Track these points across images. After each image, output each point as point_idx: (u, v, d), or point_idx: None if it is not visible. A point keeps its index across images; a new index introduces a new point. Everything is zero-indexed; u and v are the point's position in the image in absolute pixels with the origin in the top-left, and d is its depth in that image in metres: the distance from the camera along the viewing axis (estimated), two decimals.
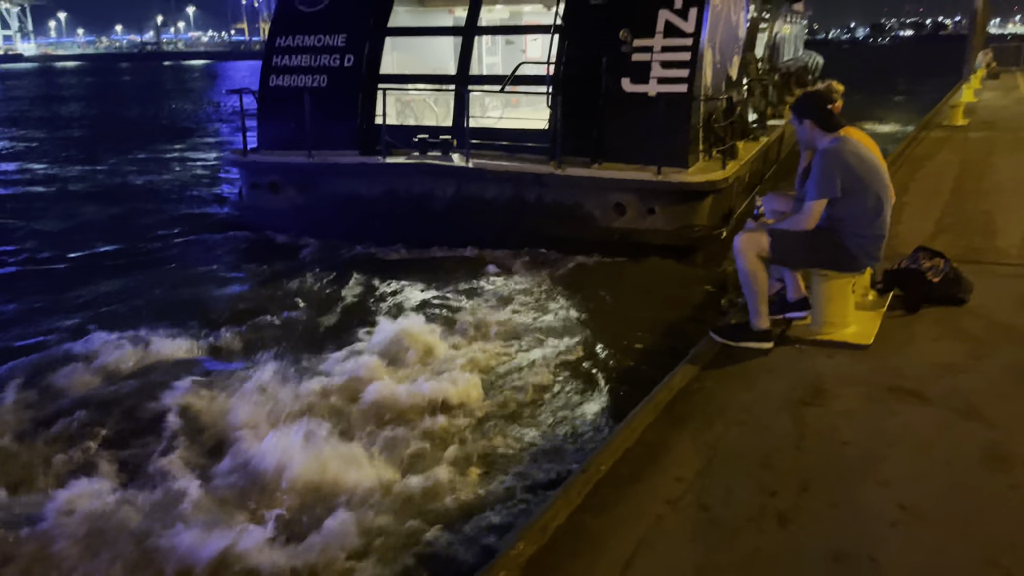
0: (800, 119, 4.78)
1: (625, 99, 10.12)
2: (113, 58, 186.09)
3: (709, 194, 9.70)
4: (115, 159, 21.54)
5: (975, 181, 9.69)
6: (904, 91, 43.44)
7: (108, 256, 11.10)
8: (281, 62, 12.04)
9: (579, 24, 10.70)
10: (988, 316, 5.13)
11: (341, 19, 11.82)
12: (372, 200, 10.81)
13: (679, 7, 10.16)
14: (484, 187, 10.34)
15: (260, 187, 11.44)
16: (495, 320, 7.86)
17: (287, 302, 8.52)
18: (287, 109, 11.61)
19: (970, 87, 21.88)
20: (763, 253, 4.70)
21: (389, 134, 10.85)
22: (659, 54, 10.13)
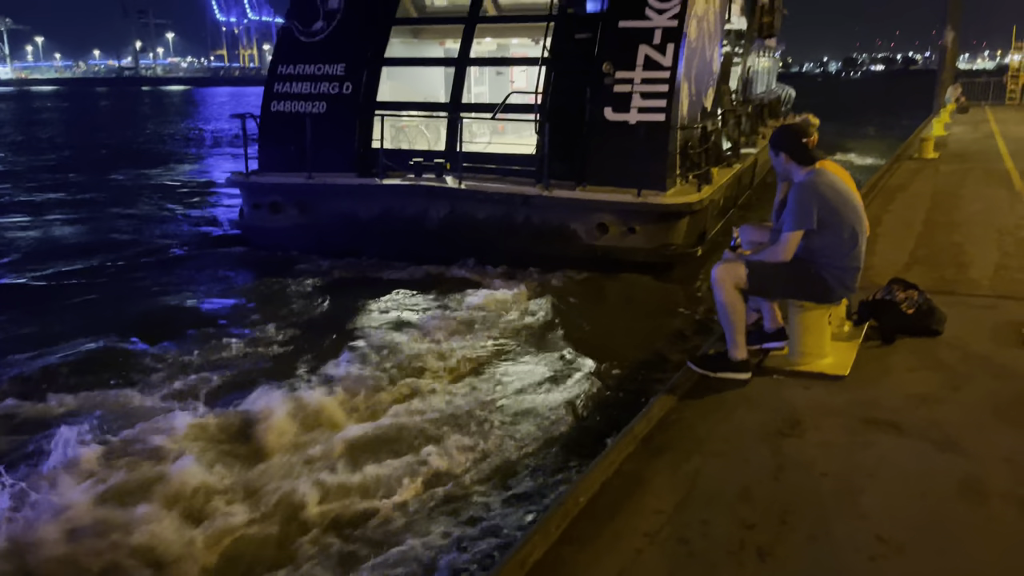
0: (776, 152, 4.83)
1: (608, 127, 10.86)
2: (90, 83, 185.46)
3: (685, 215, 10.42)
4: (102, 182, 21.91)
5: (946, 213, 9.84)
6: (876, 124, 44.27)
7: (115, 271, 11.65)
8: (282, 89, 12.66)
9: (565, 57, 11.50)
10: (963, 347, 5.18)
11: (340, 49, 12.50)
12: (369, 219, 11.37)
13: (658, 43, 10.97)
14: (476, 207, 10.96)
15: (261, 207, 11.98)
16: (480, 338, 8.16)
17: (285, 312, 9.08)
18: (287, 133, 12.21)
19: (940, 121, 22.35)
20: (741, 284, 4.72)
21: (385, 157, 11.41)
22: (639, 86, 10.91)
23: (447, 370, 7.32)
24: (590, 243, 10.48)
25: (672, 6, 11.18)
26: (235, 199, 17.30)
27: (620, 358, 7.60)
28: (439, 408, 6.51)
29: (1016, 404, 4.31)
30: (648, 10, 11.21)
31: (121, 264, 12.03)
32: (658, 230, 10.37)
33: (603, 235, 10.42)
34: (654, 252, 10.35)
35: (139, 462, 5.50)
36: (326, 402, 6.48)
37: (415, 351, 7.67)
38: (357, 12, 12.67)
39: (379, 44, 12.57)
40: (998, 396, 4.42)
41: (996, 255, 7.63)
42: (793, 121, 5.16)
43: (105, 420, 6.22)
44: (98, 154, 30.71)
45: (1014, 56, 35.91)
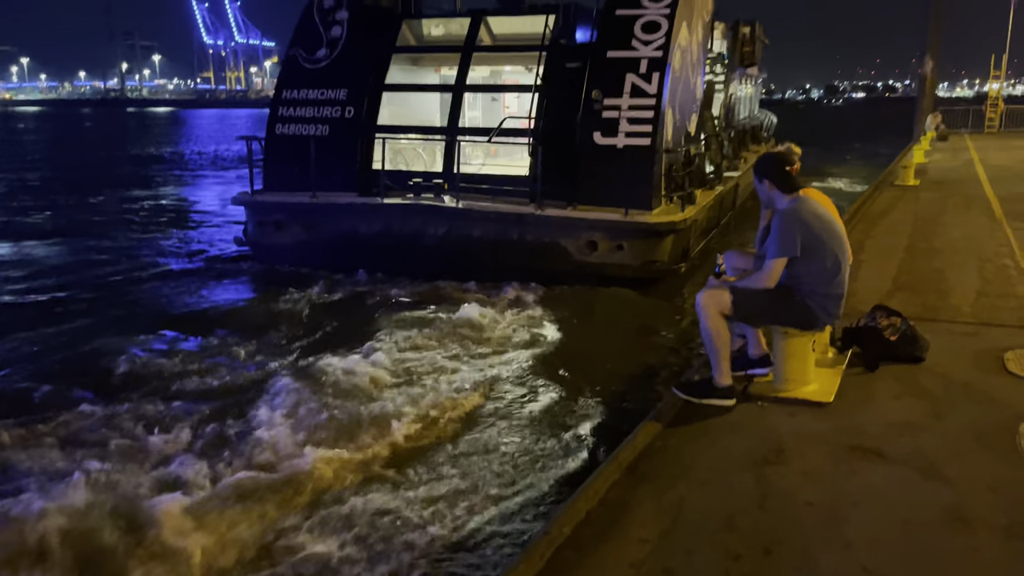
0: (761, 179, 4.86)
1: (597, 150, 11.51)
2: (75, 103, 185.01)
3: (670, 233, 11.09)
4: (96, 203, 22.24)
5: (927, 240, 9.94)
6: (858, 150, 44.86)
7: (124, 285, 12.13)
8: (287, 112, 13.28)
9: (557, 84, 12.22)
10: (945, 374, 5.20)
11: (343, 75, 13.15)
12: (370, 237, 11.90)
13: (643, 71, 11.67)
14: (472, 226, 11.52)
15: (266, 224, 12.54)
16: (469, 355, 8.46)
17: (288, 323, 9.63)
18: (292, 154, 12.75)
19: (920, 148, 22.65)
20: (725, 310, 4.73)
21: (385, 178, 12.05)
22: (626, 112, 11.57)
23: (432, 388, 7.44)
24: (581, 259, 11.06)
25: (657, 38, 11.84)
26: (230, 218, 18.31)
27: (607, 376, 7.89)
28: (420, 430, 6.56)
29: (998, 432, 4.32)
30: (634, 41, 11.89)
31: (129, 279, 12.53)
32: (645, 247, 10.96)
33: (593, 252, 11.03)
34: (641, 268, 10.96)
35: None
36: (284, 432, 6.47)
37: (406, 365, 7.93)
38: (359, 40, 13.32)
39: (380, 71, 13.24)
40: (980, 424, 4.43)
41: (977, 282, 7.70)
42: (776, 149, 5.20)
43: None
44: (86, 175, 30.60)
45: (992, 84, 36.54)
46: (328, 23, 13.56)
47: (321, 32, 13.57)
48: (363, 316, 9.89)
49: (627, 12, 12.13)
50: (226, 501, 5.30)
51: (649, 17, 12.06)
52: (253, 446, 6.10)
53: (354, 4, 13.51)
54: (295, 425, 6.49)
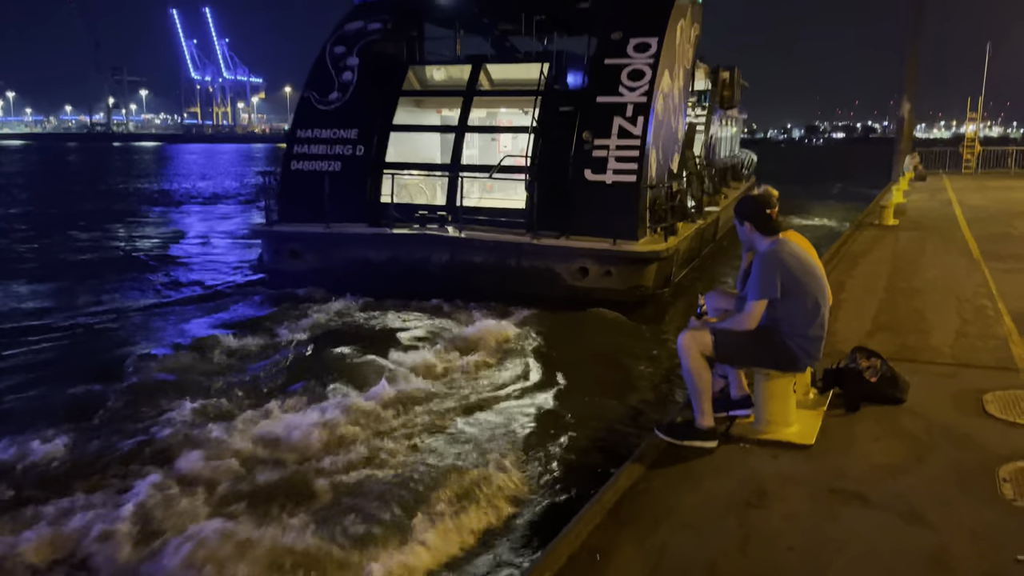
0: (741, 222, 4.90)
1: (587, 186, 12.72)
2: (60, 138, 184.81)
3: (654, 261, 12.15)
4: (98, 236, 23.06)
5: (907, 279, 10.02)
6: (838, 189, 45.51)
7: (150, 310, 13.11)
8: (301, 150, 14.44)
9: (551, 126, 13.44)
10: (926, 416, 5.21)
11: (354, 116, 14.35)
12: (380, 264, 12.94)
13: (629, 115, 12.88)
14: (473, 254, 12.61)
15: (282, 253, 13.55)
16: (465, 377, 9.12)
17: (303, 340, 10.47)
18: (306, 188, 13.84)
19: (899, 189, 22.97)
20: (706, 351, 4.73)
21: (393, 210, 13.23)
22: (614, 151, 12.77)
23: (415, 417, 7.78)
24: (573, 284, 12.14)
25: (642, 85, 13.07)
26: (235, 249, 20.26)
27: (591, 408, 8.34)
28: (404, 461, 6.77)
29: (979, 475, 4.32)
30: (621, 88, 13.12)
31: (154, 304, 13.59)
32: (631, 273, 12.03)
33: (584, 277, 12.12)
34: (628, 292, 12.02)
35: None
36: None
37: (402, 389, 8.41)
38: (368, 84, 14.56)
39: (388, 112, 14.44)
40: (961, 467, 4.43)
41: (956, 322, 7.76)
42: (754, 192, 5.26)
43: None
44: (78, 210, 30.55)
45: (969, 126, 37.25)
46: (340, 68, 14.79)
47: (333, 77, 14.76)
48: (364, 339, 10.53)
49: (614, 61, 13.38)
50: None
51: (634, 66, 13.28)
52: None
53: (364, 51, 14.76)
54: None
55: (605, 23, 14.16)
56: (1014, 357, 6.50)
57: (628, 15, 13.98)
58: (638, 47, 13.49)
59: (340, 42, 15.12)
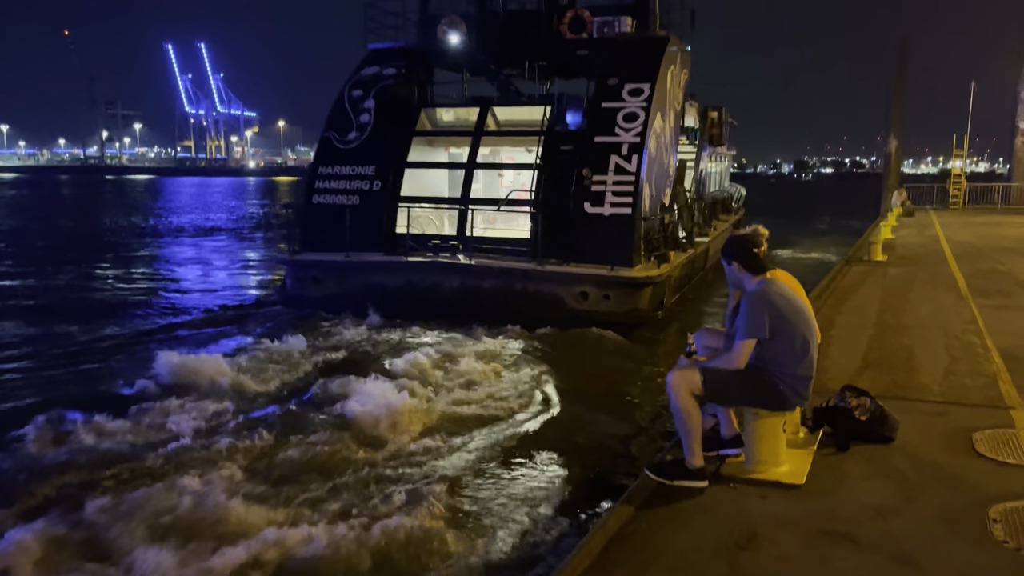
0: (729, 261, 4.92)
1: (587, 217, 13.92)
2: (53, 171, 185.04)
3: (648, 286, 13.27)
4: (111, 266, 23.94)
5: (896, 316, 10.07)
6: (828, 223, 45.88)
7: (184, 330, 13.90)
8: (322, 185, 15.66)
9: (553, 163, 14.74)
10: (916, 455, 5.20)
11: (371, 154, 15.60)
12: (396, 289, 13.95)
13: (625, 153, 14.15)
14: (482, 279, 13.65)
15: (304, 280, 14.64)
16: (468, 396, 9.59)
17: (325, 356, 11.46)
18: (326, 220, 15.05)
19: (887, 224, 23.17)
20: (696, 391, 4.73)
21: (405, 240, 14.44)
22: (611, 186, 13.98)
23: (410, 445, 7.95)
24: (574, 307, 13.16)
25: (636, 126, 14.32)
26: (247, 277, 21.87)
27: (587, 437, 8.67)
28: (397, 483, 6.96)
29: (969, 516, 4.30)
30: (617, 128, 14.40)
31: (188, 324, 14.46)
32: (627, 297, 13.11)
33: (584, 301, 13.15)
34: (624, 315, 13.05)
35: None
36: None
37: (411, 408, 8.78)
38: (384, 125, 15.82)
39: (402, 150, 15.75)
40: (951, 507, 4.42)
41: (945, 359, 7.78)
42: (742, 231, 5.30)
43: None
44: (82, 243, 30.52)
45: (955, 162, 37.70)
46: (357, 111, 16.08)
47: (352, 118, 16.04)
48: (372, 357, 11.54)
49: (611, 105, 14.69)
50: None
51: (629, 109, 14.58)
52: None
53: (380, 94, 16.11)
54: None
55: (602, 69, 15.56)
56: (1003, 395, 6.51)
57: (623, 62, 15.37)
58: (632, 92, 14.81)
59: (357, 86, 16.40)
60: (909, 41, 37.25)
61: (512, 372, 10.74)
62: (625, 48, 15.84)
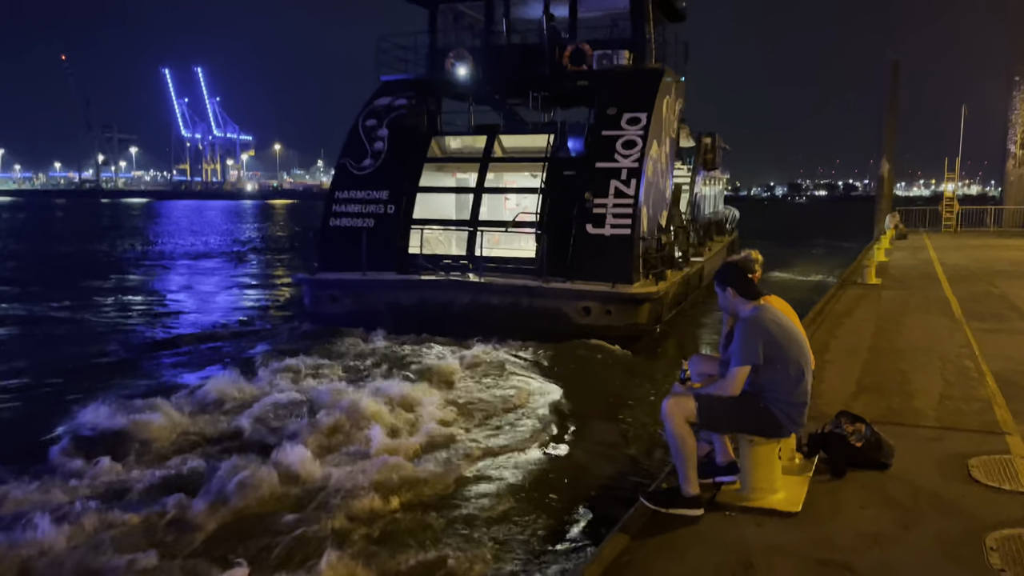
0: (723, 288, 4.92)
1: (589, 238, 14.90)
2: (48, 194, 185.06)
3: (647, 302, 14.16)
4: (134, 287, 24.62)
5: (890, 340, 10.08)
6: (822, 245, 46.05)
7: (217, 342, 14.94)
8: (339, 209, 16.70)
9: (557, 187, 15.75)
10: (912, 482, 5.18)
11: (385, 180, 16.65)
12: (409, 306, 14.90)
13: (624, 178, 15.15)
14: (491, 296, 14.55)
15: (323, 297, 15.57)
16: (474, 411, 10.11)
17: (347, 364, 12.38)
18: (343, 242, 16.02)
19: (881, 247, 23.26)
20: (691, 418, 4.71)
21: (417, 260, 15.62)
22: (611, 209, 14.97)
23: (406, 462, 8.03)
24: (577, 322, 14.00)
25: (634, 153, 15.34)
26: (258, 297, 22.99)
27: (589, 441, 9.23)
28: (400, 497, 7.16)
29: (965, 544, 4.28)
30: (617, 155, 15.41)
31: (221, 335, 15.52)
32: (627, 312, 14.01)
33: (587, 316, 14.00)
34: (625, 328, 13.94)
35: None
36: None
37: (426, 414, 9.51)
38: (397, 152, 16.90)
39: (414, 176, 16.77)
40: (948, 536, 4.39)
41: (940, 384, 7.78)
42: (737, 256, 5.32)
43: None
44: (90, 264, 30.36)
45: (947, 185, 37.97)
46: (372, 139, 17.14)
47: (366, 146, 17.08)
48: (394, 363, 12.37)
49: (610, 133, 15.74)
50: None
51: (627, 137, 15.59)
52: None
53: (392, 123, 17.16)
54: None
55: (601, 99, 16.51)
56: (998, 420, 6.50)
57: (621, 93, 16.38)
58: (630, 120, 15.82)
59: (371, 116, 17.41)
60: (900, 65, 37.65)
61: (515, 386, 11.28)
62: (623, 79, 16.84)
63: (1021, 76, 36.31)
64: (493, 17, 18.74)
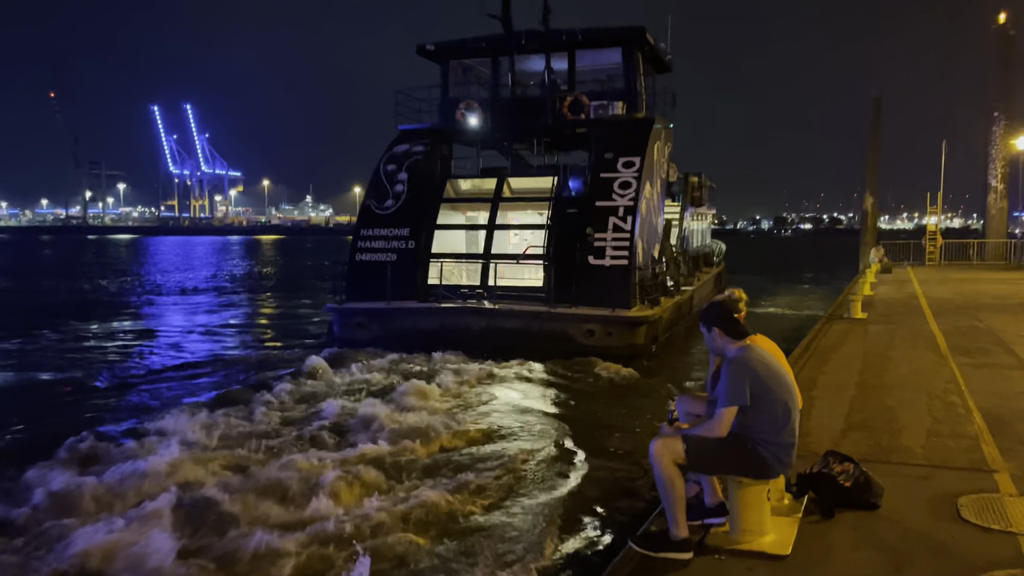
0: (709, 328, 4.91)
1: (591, 268, 16.76)
2: (35, 231, 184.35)
3: (643, 324, 15.93)
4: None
5: (878, 375, 10.09)
6: (809, 278, 46.31)
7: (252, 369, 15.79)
8: (364, 245, 18.61)
9: (561, 223, 17.75)
10: (902, 522, 5.14)
11: (405, 218, 18.59)
12: (430, 331, 16.52)
13: (621, 215, 17.03)
14: (504, 321, 16.25)
15: (351, 325, 17.25)
16: (483, 424, 11.06)
17: (372, 379, 13.86)
18: (368, 274, 18.03)
19: (866, 281, 23.42)
20: (679, 460, 4.67)
21: (436, 290, 17.59)
22: (610, 242, 16.83)
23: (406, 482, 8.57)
24: (582, 342, 15.69)
25: (629, 192, 17.22)
26: (295, 327, 24.07)
27: (594, 442, 10.20)
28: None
29: None
30: (614, 195, 17.29)
31: (256, 365, 16.15)
32: (626, 333, 15.75)
33: (591, 337, 15.72)
34: (624, 348, 15.60)
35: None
36: None
37: (446, 424, 10.63)
38: (416, 194, 18.80)
39: (432, 215, 18.76)
40: None
41: (927, 420, 7.77)
42: (722, 296, 5.33)
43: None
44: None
45: (931, 219, 38.38)
46: (392, 182, 19.04)
47: (388, 188, 18.98)
48: (418, 380, 13.37)
49: (608, 175, 17.63)
50: None
51: (623, 179, 17.45)
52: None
53: (410, 168, 19.11)
54: None
55: (598, 145, 18.44)
56: (985, 457, 6.49)
57: (617, 140, 18.25)
58: (625, 164, 17.68)
59: (391, 161, 19.35)
60: (883, 100, 38.27)
61: (523, 399, 12.70)
62: (618, 127, 18.75)
63: (1000, 112, 36.97)
64: (499, 71, 20.90)
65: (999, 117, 36.94)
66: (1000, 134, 36.91)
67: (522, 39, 20.16)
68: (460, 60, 21.34)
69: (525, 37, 20.18)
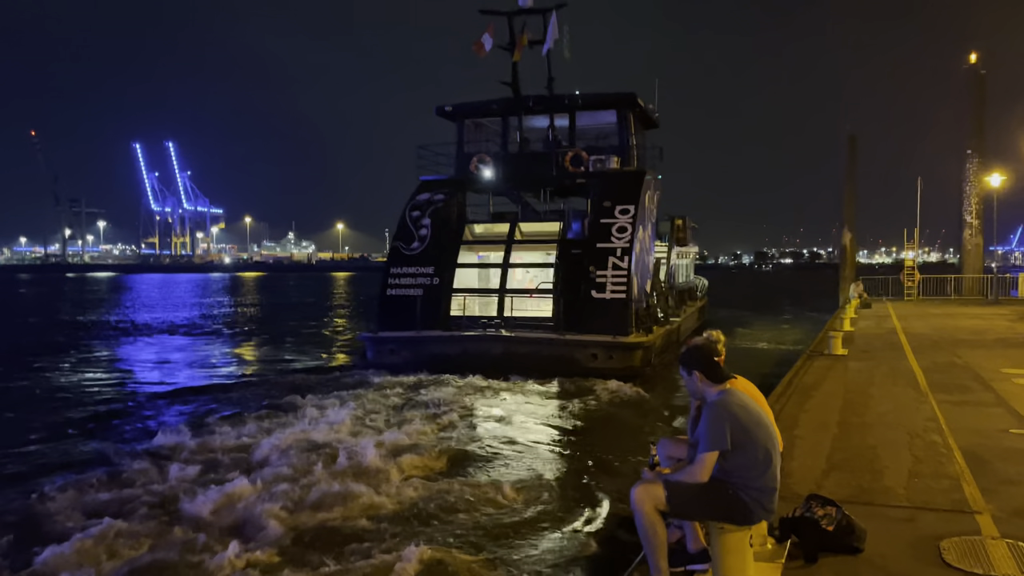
0: (689, 372, 4.88)
1: (593, 301, 19.59)
2: (13, 269, 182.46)
3: (639, 349, 18.80)
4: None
5: (858, 414, 10.10)
6: (791, 312, 46.61)
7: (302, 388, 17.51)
8: (394, 281, 21.47)
9: (567, 262, 20.65)
10: (885, 567, 5.10)
11: (430, 258, 21.53)
12: (453, 356, 19.12)
13: (619, 255, 19.98)
14: (519, 346, 19.01)
15: (383, 351, 20.11)
16: (496, 436, 12.90)
17: (399, 397, 16.07)
18: (398, 307, 20.86)
19: (846, 317, 23.59)
20: (660, 506, 4.62)
21: (458, 320, 20.55)
22: (610, 279, 19.68)
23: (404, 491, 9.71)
24: (586, 365, 18.36)
25: (626, 235, 20.18)
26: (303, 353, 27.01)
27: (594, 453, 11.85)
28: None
29: None
30: (612, 237, 20.26)
31: (309, 382, 18.50)
32: (625, 357, 18.53)
33: (594, 360, 18.44)
34: (623, 369, 18.25)
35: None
36: None
37: (473, 435, 12.83)
38: (439, 237, 21.81)
39: (453, 255, 21.71)
40: None
41: (909, 460, 7.77)
42: (700, 339, 5.33)
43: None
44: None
45: (908, 254, 38.87)
46: (417, 226, 21.99)
47: (413, 232, 21.95)
48: (444, 397, 15.96)
49: (606, 221, 20.60)
50: None
51: (620, 223, 20.43)
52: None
53: (433, 214, 22.12)
54: None
55: (597, 193, 21.52)
56: (967, 499, 6.48)
57: (613, 189, 21.28)
58: (621, 211, 20.60)
59: (415, 208, 22.37)
60: (858, 138, 38.95)
61: (527, 413, 14.85)
62: (614, 179, 21.82)
63: (972, 150, 37.69)
64: (508, 129, 24.33)
65: (972, 155, 37.68)
66: (973, 171, 37.62)
67: (530, 102, 23.49)
68: (474, 119, 24.76)
69: (532, 101, 23.51)
